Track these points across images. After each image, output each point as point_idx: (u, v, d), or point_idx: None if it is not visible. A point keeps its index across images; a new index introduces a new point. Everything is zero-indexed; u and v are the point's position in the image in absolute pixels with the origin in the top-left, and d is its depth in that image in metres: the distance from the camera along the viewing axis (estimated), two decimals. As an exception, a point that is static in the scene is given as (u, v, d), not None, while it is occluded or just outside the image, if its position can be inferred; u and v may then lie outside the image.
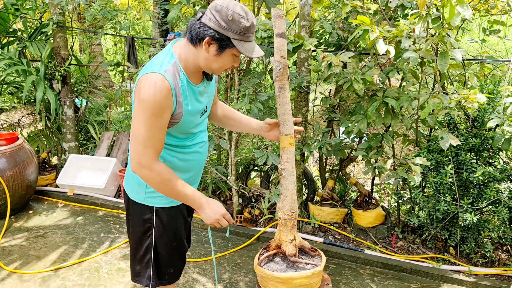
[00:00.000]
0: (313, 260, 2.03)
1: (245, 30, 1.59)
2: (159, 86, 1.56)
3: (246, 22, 1.59)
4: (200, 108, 1.77)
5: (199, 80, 1.76)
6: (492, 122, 2.91)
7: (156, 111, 1.57)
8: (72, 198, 4.52)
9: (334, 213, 3.94)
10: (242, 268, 3.31)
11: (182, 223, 1.97)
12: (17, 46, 4.88)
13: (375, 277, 3.23)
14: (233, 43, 1.60)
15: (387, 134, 3.37)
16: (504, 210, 3.03)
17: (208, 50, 1.61)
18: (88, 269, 3.22)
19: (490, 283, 3.07)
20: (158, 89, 1.56)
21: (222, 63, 1.66)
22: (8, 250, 3.47)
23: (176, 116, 1.66)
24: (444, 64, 2.73)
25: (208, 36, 1.58)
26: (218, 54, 1.62)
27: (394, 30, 2.83)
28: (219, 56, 1.63)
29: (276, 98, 1.98)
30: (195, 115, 1.75)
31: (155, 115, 1.58)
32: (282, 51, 1.96)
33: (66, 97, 4.92)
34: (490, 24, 3.52)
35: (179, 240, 1.96)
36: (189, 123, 1.73)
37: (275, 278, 1.92)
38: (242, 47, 1.61)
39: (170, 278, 1.99)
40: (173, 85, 1.60)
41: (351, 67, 3.25)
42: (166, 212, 1.88)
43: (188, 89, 1.69)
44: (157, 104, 1.56)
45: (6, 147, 3.97)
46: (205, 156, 1.97)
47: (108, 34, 5.15)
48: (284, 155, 1.99)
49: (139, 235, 1.91)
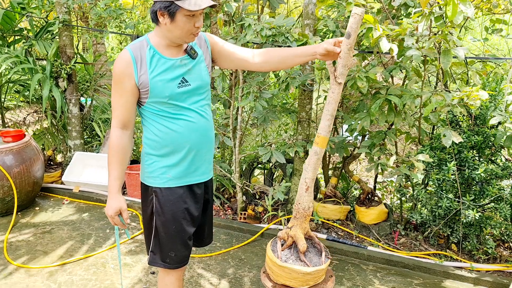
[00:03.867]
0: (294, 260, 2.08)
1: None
2: (121, 57, 1.81)
3: None
4: (171, 78, 1.86)
5: (176, 55, 1.89)
6: (494, 119, 2.93)
7: (116, 79, 1.83)
8: (77, 195, 4.57)
9: (337, 210, 3.97)
10: (246, 264, 3.35)
11: (182, 207, 1.97)
12: (24, 44, 4.93)
13: (378, 273, 3.27)
14: (177, 4, 1.70)
15: (390, 131, 3.40)
16: (506, 207, 3.06)
17: (164, 21, 1.76)
18: (94, 264, 3.27)
19: (492, 279, 3.10)
20: (119, 60, 1.81)
21: (181, 28, 1.77)
22: (16, 245, 3.52)
23: (143, 83, 1.83)
24: (446, 62, 2.76)
25: (157, 9, 1.75)
26: (173, 21, 1.75)
27: (397, 28, 2.86)
28: (175, 22, 1.75)
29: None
30: (167, 83, 1.85)
31: (116, 82, 1.84)
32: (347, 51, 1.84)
33: (72, 95, 4.97)
34: (493, 23, 3.54)
35: (178, 224, 1.97)
36: (162, 90, 1.84)
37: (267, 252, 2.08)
38: (185, 3, 1.70)
39: (173, 262, 2.02)
40: (133, 56, 1.80)
41: (355, 65, 3.27)
42: (162, 193, 1.95)
43: (157, 60, 1.84)
44: (117, 73, 1.82)
45: (13, 143, 4.02)
46: (202, 130, 1.96)
47: (114, 32, 5.19)
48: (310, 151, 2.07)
49: (148, 215, 2.02)
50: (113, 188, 1.90)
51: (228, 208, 4.33)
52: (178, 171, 1.94)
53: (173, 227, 1.97)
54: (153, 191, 1.96)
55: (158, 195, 1.95)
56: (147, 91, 1.84)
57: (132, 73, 1.81)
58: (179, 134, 1.90)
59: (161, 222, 1.96)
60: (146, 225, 2.05)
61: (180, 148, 1.92)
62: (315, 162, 2.04)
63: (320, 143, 2.01)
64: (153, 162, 1.95)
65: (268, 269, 2.15)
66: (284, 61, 1.97)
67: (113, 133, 1.88)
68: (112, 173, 1.89)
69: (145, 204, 2.03)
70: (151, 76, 1.83)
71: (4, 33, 5.01)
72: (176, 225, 1.97)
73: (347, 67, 1.85)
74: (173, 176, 1.94)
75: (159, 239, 1.99)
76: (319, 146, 2.02)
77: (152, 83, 1.83)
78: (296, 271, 1.99)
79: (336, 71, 1.88)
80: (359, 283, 3.12)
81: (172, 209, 1.95)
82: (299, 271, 1.99)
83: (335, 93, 1.92)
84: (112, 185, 1.90)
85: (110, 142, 1.90)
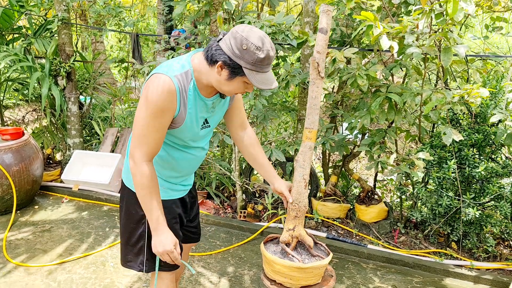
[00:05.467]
0: (309, 258, 2.04)
1: (258, 61, 1.60)
2: (166, 88, 1.61)
3: (261, 53, 1.59)
4: (198, 118, 1.80)
5: (210, 95, 1.79)
6: (494, 117, 2.92)
7: (157, 111, 1.62)
8: (77, 194, 4.56)
9: (337, 209, 3.97)
10: (246, 262, 3.34)
11: (175, 213, 1.98)
12: (22, 42, 4.92)
13: (378, 271, 3.26)
14: (244, 71, 1.61)
15: (390, 129, 3.39)
16: (506, 205, 3.06)
17: (220, 73, 1.64)
18: (94, 263, 3.26)
19: (492, 278, 3.09)
20: (164, 91, 1.60)
21: (232, 87, 1.68)
22: (15, 244, 3.51)
23: (179, 119, 1.71)
24: (447, 60, 2.75)
25: (221, 61, 1.61)
26: (229, 79, 1.64)
27: (397, 26, 2.86)
28: (230, 81, 1.65)
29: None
30: (196, 123, 1.79)
31: (155, 115, 1.63)
32: (318, 46, 1.95)
33: (71, 93, 4.96)
34: (493, 21, 3.54)
35: (173, 230, 1.95)
36: (189, 129, 1.77)
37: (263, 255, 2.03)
38: (253, 77, 1.62)
39: (169, 266, 2.00)
40: (179, 90, 1.64)
41: (355, 63, 3.27)
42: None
43: (194, 98, 1.73)
44: (159, 105, 1.61)
45: (12, 142, 4.01)
46: (201, 160, 2.01)
47: (113, 30, 5.18)
48: (300, 147, 2.04)
49: (134, 222, 1.95)
50: (161, 222, 1.76)
51: (227, 206, 4.33)
52: (170, 186, 1.96)
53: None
54: None
55: None
56: (177, 127, 1.73)
57: (175, 108, 1.66)
58: (179, 164, 1.91)
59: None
60: (130, 233, 1.97)
61: (176, 172, 1.94)
62: (310, 157, 2.03)
63: (313, 137, 2.02)
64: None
65: (283, 278, 2.03)
66: (252, 162, 2.12)
67: (141, 168, 1.68)
68: (154, 210, 1.74)
69: (132, 211, 1.94)
70: (188, 115, 1.72)
71: (3, 31, 5.00)
72: (171, 231, 1.95)
73: (324, 61, 1.97)
74: (167, 188, 1.94)
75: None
76: (312, 140, 2.02)
77: (186, 122, 1.72)
78: (318, 267, 1.97)
79: (319, 66, 1.95)
80: (359, 282, 3.11)
81: (167, 216, 1.91)
82: (320, 266, 1.98)
83: (319, 87, 1.99)
84: (159, 221, 1.75)
85: (139, 180, 1.70)
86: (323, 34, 1.91)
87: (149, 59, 6.67)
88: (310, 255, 2.05)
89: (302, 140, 2.04)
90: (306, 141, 2.02)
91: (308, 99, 2.01)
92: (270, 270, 2.03)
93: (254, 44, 1.57)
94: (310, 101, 2.00)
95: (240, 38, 1.57)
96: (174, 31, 4.44)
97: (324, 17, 1.94)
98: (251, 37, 1.57)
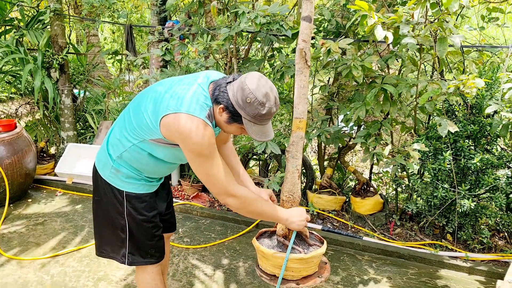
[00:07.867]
0: (306, 248, 2.03)
1: (259, 115, 1.67)
2: (207, 132, 1.66)
3: (263, 109, 1.66)
4: None
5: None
6: (490, 108, 2.91)
7: (210, 151, 1.70)
8: (70, 187, 4.52)
9: (333, 201, 3.96)
10: (241, 255, 3.33)
11: (154, 206, 2.03)
12: (14, 34, 4.85)
13: (373, 263, 3.26)
14: (243, 121, 1.69)
15: (385, 121, 3.37)
16: (501, 196, 3.05)
17: (221, 114, 1.72)
18: (87, 256, 3.24)
19: (487, 269, 3.10)
20: (207, 134, 1.66)
21: (231, 130, 1.78)
22: (8, 237, 3.48)
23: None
24: (442, 50, 2.73)
25: (223, 105, 1.69)
26: (228, 123, 1.73)
27: (392, 16, 2.83)
28: (229, 124, 1.74)
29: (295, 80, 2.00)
30: None
31: (212, 153, 1.71)
32: (304, 35, 1.95)
33: (64, 85, 4.90)
34: (489, 12, 3.51)
35: (153, 222, 2.01)
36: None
37: (259, 251, 2.04)
38: (250, 128, 1.69)
39: (155, 257, 2.05)
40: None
41: (350, 54, 3.24)
42: (137, 197, 1.94)
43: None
44: (210, 146, 1.69)
45: (4, 134, 3.96)
46: (176, 165, 2.09)
47: (106, 22, 5.12)
48: (291, 138, 2.01)
49: (113, 215, 1.96)
50: (281, 213, 1.90)
51: (223, 199, 4.30)
52: (149, 183, 2.00)
53: (150, 225, 1.98)
54: (126, 195, 1.92)
55: (131, 200, 1.93)
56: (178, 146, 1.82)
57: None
58: (164, 171, 2.01)
59: (136, 224, 1.95)
60: (110, 225, 1.99)
61: (159, 175, 2.03)
62: (302, 147, 2.01)
63: (303, 127, 2.00)
64: (130, 172, 1.92)
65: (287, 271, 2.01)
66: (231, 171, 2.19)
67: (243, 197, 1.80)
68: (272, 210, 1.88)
69: (110, 205, 1.95)
70: None
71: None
72: (152, 224, 1.99)
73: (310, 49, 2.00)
74: (145, 183, 1.97)
75: (136, 240, 1.98)
76: (302, 130, 2.00)
77: None
78: (317, 255, 1.96)
79: (306, 55, 1.96)
80: (354, 273, 3.11)
81: (147, 210, 1.96)
82: (319, 255, 1.97)
83: (307, 76, 2.00)
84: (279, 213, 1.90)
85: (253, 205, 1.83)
86: (307, 22, 1.92)
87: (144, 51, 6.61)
88: (307, 245, 2.04)
89: (292, 130, 2.01)
90: (297, 131, 1.99)
91: (296, 89, 1.98)
92: (269, 264, 2.01)
93: (259, 100, 1.64)
94: (298, 91, 1.98)
95: (247, 92, 1.64)
96: (168, 22, 4.39)
97: (307, 4, 1.92)
98: (257, 92, 1.64)
